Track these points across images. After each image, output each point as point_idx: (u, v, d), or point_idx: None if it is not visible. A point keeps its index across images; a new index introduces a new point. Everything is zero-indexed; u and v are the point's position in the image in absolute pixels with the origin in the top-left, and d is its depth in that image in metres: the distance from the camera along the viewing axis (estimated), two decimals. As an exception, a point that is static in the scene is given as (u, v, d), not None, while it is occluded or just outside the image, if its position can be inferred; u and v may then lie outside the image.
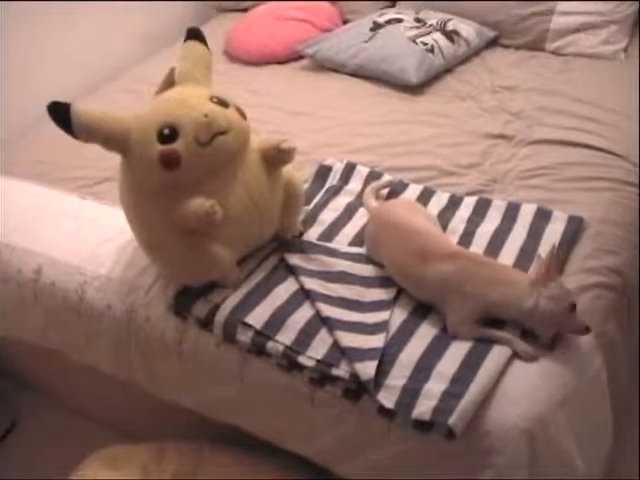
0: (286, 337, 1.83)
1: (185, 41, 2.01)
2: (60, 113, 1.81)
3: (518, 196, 2.18)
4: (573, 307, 1.73)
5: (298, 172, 2.10)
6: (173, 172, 1.80)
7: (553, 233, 2.01)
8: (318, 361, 1.78)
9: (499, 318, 1.79)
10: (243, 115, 1.93)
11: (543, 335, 1.75)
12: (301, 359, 1.79)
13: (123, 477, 2.03)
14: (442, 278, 1.80)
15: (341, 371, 1.75)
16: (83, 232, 2.25)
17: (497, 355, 1.72)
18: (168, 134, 1.79)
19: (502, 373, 1.70)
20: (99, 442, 2.17)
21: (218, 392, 1.96)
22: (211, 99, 1.88)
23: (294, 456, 1.94)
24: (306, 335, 1.83)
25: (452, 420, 1.60)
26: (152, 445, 2.12)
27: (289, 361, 1.81)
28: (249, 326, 1.86)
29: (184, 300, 1.96)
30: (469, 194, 2.21)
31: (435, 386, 1.68)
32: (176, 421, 2.22)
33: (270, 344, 1.83)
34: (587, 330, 1.74)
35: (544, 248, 1.97)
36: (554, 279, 1.74)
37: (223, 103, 1.89)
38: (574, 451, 1.72)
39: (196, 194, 1.81)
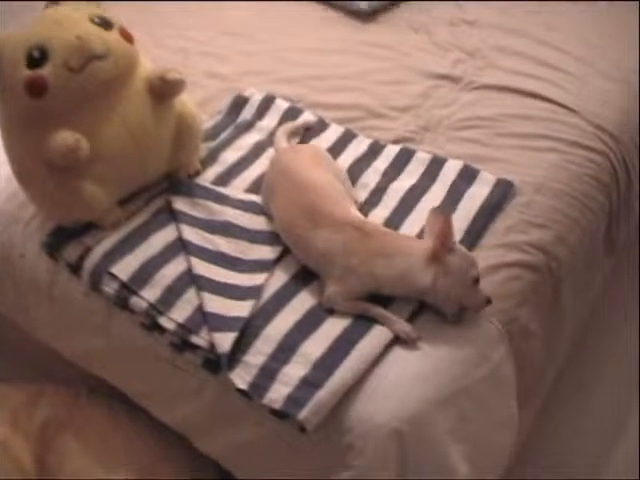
0: (151, 293, 1.57)
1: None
2: None
3: (447, 149, 1.84)
4: (476, 281, 1.46)
5: (191, 103, 1.78)
6: (40, 100, 1.57)
7: (475, 197, 1.70)
8: (179, 325, 1.51)
9: (392, 295, 1.50)
10: (129, 39, 1.66)
11: (448, 312, 1.48)
12: (162, 320, 1.54)
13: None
14: (326, 247, 1.51)
15: (201, 339, 1.49)
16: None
17: (374, 339, 1.44)
18: (37, 57, 1.56)
19: (377, 361, 1.42)
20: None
21: (85, 342, 1.74)
22: (91, 19, 1.61)
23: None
24: (172, 293, 1.57)
25: (303, 414, 1.34)
26: (29, 388, 1.89)
27: (151, 321, 1.55)
28: (115, 277, 1.60)
29: (56, 240, 1.72)
30: (394, 142, 1.88)
31: (295, 370, 1.41)
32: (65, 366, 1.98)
33: (134, 299, 1.58)
34: (488, 302, 1.48)
35: (461, 213, 1.66)
36: (453, 249, 1.45)
37: (106, 24, 1.63)
38: (458, 453, 1.43)
39: (65, 126, 1.58)
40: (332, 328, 1.45)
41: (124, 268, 1.60)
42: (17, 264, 1.78)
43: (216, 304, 1.51)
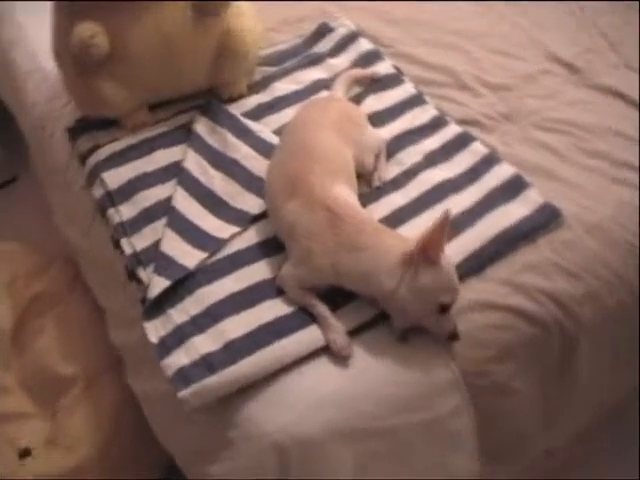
0: (128, 211, 1.48)
1: None
2: None
3: (514, 149, 1.53)
4: (444, 308, 1.20)
5: (250, 20, 1.59)
6: None
7: (507, 215, 1.40)
8: (134, 252, 1.40)
9: (354, 292, 1.27)
10: None
11: (397, 324, 1.24)
12: (123, 242, 1.44)
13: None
14: (293, 222, 1.29)
15: (145, 275, 1.36)
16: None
17: (302, 339, 1.23)
18: None
19: (297, 364, 1.22)
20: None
21: (73, 236, 1.70)
22: None
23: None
24: (146, 217, 1.46)
25: (184, 393, 1.19)
26: (40, 257, 1.91)
27: (117, 238, 1.45)
28: (105, 183, 1.51)
29: (79, 128, 1.66)
30: (461, 122, 1.58)
31: (203, 344, 1.25)
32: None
33: (111, 211, 1.49)
34: (452, 337, 1.23)
35: (482, 228, 1.38)
36: (435, 262, 1.18)
37: None
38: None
39: (93, 19, 1.48)
40: (266, 312, 1.27)
41: (116, 177, 1.52)
42: (46, 142, 1.75)
43: (172, 245, 1.38)
